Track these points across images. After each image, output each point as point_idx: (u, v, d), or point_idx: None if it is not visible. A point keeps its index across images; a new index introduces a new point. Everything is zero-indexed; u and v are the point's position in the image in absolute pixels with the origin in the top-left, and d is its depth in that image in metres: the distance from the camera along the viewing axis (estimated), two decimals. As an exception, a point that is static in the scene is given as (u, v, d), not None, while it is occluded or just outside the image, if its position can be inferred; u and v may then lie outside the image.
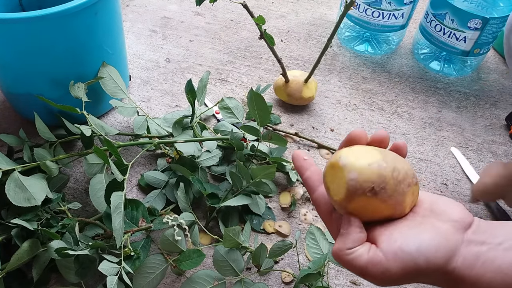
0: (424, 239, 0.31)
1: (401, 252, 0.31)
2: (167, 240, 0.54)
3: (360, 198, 0.32)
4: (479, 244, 0.31)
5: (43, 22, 0.56)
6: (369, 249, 0.32)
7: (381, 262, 0.31)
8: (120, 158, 0.56)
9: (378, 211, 0.33)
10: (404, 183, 0.32)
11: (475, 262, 0.30)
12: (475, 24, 0.78)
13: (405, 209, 0.33)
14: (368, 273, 0.31)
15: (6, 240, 0.54)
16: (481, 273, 0.30)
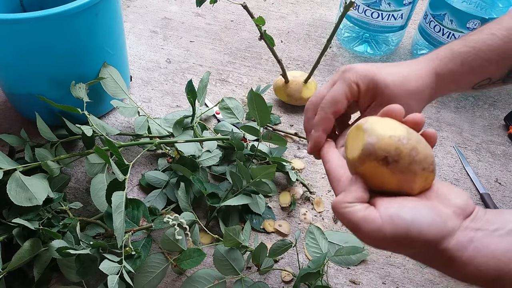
0: (421, 212, 0.31)
1: (396, 217, 0.31)
2: (168, 239, 0.55)
3: (372, 163, 0.32)
4: (474, 231, 0.31)
5: (44, 22, 0.56)
6: (366, 208, 0.33)
7: (375, 220, 0.31)
8: (121, 158, 0.56)
9: (386, 181, 0.33)
10: (419, 164, 0.33)
11: (468, 245, 0.31)
12: (474, 25, 0.79)
13: (413, 189, 0.33)
14: (360, 229, 0.32)
15: (8, 239, 0.54)
16: (472, 257, 0.30)
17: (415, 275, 0.62)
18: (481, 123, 0.83)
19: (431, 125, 0.81)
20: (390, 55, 0.95)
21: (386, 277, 0.61)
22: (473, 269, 0.31)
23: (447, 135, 0.80)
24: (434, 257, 0.32)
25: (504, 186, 0.73)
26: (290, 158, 0.74)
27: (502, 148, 0.79)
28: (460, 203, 0.33)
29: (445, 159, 0.76)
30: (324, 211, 0.68)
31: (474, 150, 0.78)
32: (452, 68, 0.44)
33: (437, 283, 0.61)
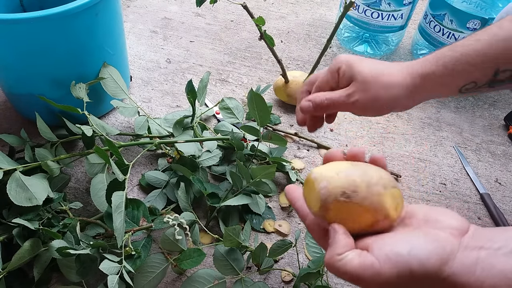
0: (416, 243, 0.30)
1: (393, 255, 0.30)
2: (168, 239, 0.55)
3: (335, 205, 0.32)
4: (477, 249, 0.30)
5: (44, 22, 0.56)
6: (360, 254, 0.31)
7: (373, 264, 0.30)
8: (121, 158, 0.56)
9: (359, 216, 0.33)
10: (378, 185, 0.33)
11: (474, 268, 0.29)
12: (474, 25, 0.79)
13: (389, 212, 0.33)
14: (361, 278, 0.30)
15: (8, 239, 0.54)
16: (482, 279, 0.29)
17: (415, 275, 0.62)
18: (481, 123, 0.83)
19: (431, 125, 0.81)
20: (390, 55, 0.95)
21: (386, 277, 0.61)
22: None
23: (447, 135, 0.80)
24: (439, 287, 0.30)
25: (504, 186, 0.73)
26: (290, 158, 0.74)
27: (502, 148, 0.79)
28: (454, 224, 0.32)
29: (445, 159, 0.76)
30: (324, 211, 0.68)
31: (474, 150, 0.78)
32: (434, 70, 0.46)
33: (437, 283, 0.61)
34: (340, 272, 0.32)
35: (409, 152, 0.77)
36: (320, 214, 0.34)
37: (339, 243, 0.32)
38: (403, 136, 0.79)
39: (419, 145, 0.78)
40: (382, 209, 0.33)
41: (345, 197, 0.32)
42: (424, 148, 0.78)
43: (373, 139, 0.78)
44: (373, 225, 0.33)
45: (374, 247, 0.31)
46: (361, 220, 0.33)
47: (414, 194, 0.71)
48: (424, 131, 0.80)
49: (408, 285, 0.30)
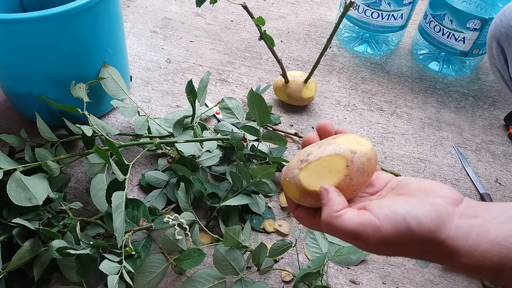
0: (414, 204, 0.31)
1: (392, 213, 0.30)
2: (168, 239, 0.55)
3: (302, 175, 0.35)
4: (472, 217, 0.31)
5: (44, 22, 0.56)
6: (358, 212, 0.32)
7: (372, 221, 0.30)
8: (121, 158, 0.56)
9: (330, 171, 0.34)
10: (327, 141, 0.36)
11: (470, 232, 0.30)
12: (474, 25, 0.79)
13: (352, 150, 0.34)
14: (360, 235, 0.31)
15: (8, 239, 0.54)
16: (477, 244, 0.30)
17: (415, 275, 0.62)
18: (481, 123, 0.83)
19: (431, 125, 0.82)
20: (390, 55, 0.95)
21: (386, 277, 0.61)
22: (479, 256, 0.30)
23: (447, 135, 0.80)
24: (437, 250, 0.31)
25: (504, 186, 0.73)
26: (290, 158, 0.74)
27: (502, 148, 0.79)
28: (447, 193, 0.33)
29: (445, 159, 0.76)
30: (324, 211, 0.68)
31: (474, 150, 0.78)
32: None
33: (437, 283, 0.61)
34: (339, 230, 0.32)
35: (409, 152, 0.77)
36: (301, 195, 0.35)
37: (334, 200, 0.33)
38: (403, 136, 0.79)
39: (419, 145, 0.78)
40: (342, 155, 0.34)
41: (304, 161, 0.35)
42: (424, 148, 0.78)
43: (373, 139, 0.78)
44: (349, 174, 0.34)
45: (372, 206, 0.32)
46: (334, 174, 0.34)
47: (414, 194, 0.71)
48: (424, 131, 0.80)
49: (407, 244, 0.31)
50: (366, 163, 0.34)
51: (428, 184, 0.34)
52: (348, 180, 0.34)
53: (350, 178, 0.34)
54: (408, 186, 0.34)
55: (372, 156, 0.35)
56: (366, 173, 0.35)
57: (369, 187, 0.38)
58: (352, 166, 0.34)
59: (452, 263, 0.32)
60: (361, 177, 0.35)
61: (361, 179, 0.35)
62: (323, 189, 0.34)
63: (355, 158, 0.34)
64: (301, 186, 0.35)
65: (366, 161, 0.34)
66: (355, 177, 0.34)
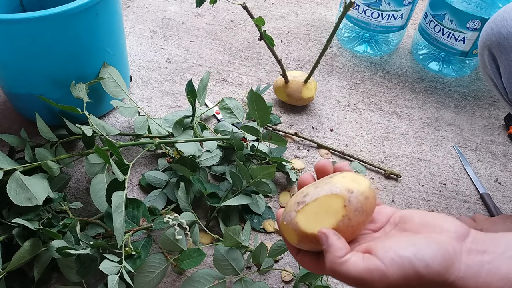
0: (420, 245, 0.30)
1: (398, 257, 0.29)
2: (168, 239, 0.55)
3: (300, 218, 0.34)
4: (481, 253, 0.30)
5: (44, 22, 0.56)
6: (363, 257, 0.31)
7: (379, 268, 0.29)
8: (121, 158, 0.56)
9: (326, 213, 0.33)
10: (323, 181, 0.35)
11: (480, 271, 0.29)
12: (474, 25, 0.79)
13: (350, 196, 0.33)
14: (367, 282, 0.30)
15: (8, 239, 0.54)
16: (488, 282, 0.29)
17: (415, 275, 0.62)
18: (481, 123, 0.83)
19: (431, 125, 0.82)
20: (390, 55, 0.95)
21: (386, 277, 0.61)
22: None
23: (447, 135, 0.80)
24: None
25: (504, 186, 0.73)
26: (290, 158, 0.74)
27: (502, 148, 0.79)
28: (452, 228, 0.31)
29: (445, 159, 0.76)
30: (324, 211, 0.68)
31: (474, 150, 0.78)
32: None
33: (437, 283, 0.61)
34: (344, 277, 0.31)
35: (409, 152, 0.77)
36: (299, 238, 0.34)
37: (335, 245, 0.32)
38: (403, 136, 0.79)
39: (419, 145, 0.78)
40: (339, 195, 0.33)
41: (301, 203, 0.34)
42: (424, 148, 0.78)
43: (373, 139, 0.78)
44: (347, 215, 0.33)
45: (377, 250, 0.31)
46: (332, 215, 0.33)
47: (414, 194, 0.71)
48: (424, 131, 0.80)
49: (414, 286, 0.30)
50: (364, 202, 0.33)
51: (431, 218, 0.33)
52: (347, 220, 0.33)
53: (349, 218, 0.33)
54: (411, 221, 0.33)
55: (370, 194, 0.34)
56: (365, 212, 0.33)
57: (371, 223, 0.36)
58: (350, 206, 0.33)
59: None
60: (360, 217, 0.33)
61: (360, 219, 0.33)
62: (322, 233, 0.32)
63: (352, 198, 0.33)
64: (299, 229, 0.34)
65: (364, 199, 0.33)
66: (354, 217, 0.33)
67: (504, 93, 0.60)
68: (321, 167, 0.38)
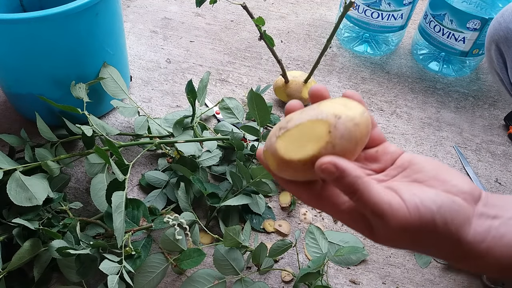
0: (445, 203, 0.29)
1: (423, 207, 0.29)
2: (168, 239, 0.55)
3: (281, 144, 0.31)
4: (491, 218, 0.30)
5: (44, 22, 0.56)
6: (386, 190, 0.30)
7: (401, 207, 0.29)
8: (121, 158, 0.56)
9: (311, 137, 0.30)
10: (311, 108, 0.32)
11: (486, 236, 0.30)
12: (474, 25, 0.79)
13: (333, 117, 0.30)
14: (385, 214, 0.29)
15: (8, 239, 0.54)
16: (491, 247, 0.30)
17: (415, 275, 0.62)
18: (481, 123, 0.83)
19: (431, 125, 0.81)
20: (390, 55, 0.95)
21: (386, 277, 0.61)
22: (491, 260, 0.30)
23: (447, 135, 0.80)
24: (449, 249, 0.30)
25: (504, 186, 0.73)
26: (290, 158, 0.74)
27: (502, 148, 0.79)
28: (467, 189, 0.31)
29: (445, 159, 0.76)
30: (324, 211, 0.68)
31: (474, 150, 0.78)
32: None
33: (437, 283, 0.61)
34: (365, 197, 0.29)
35: (409, 152, 0.77)
36: (278, 165, 0.32)
37: (350, 167, 0.29)
38: (403, 136, 0.79)
39: (419, 145, 0.78)
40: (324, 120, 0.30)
41: (283, 129, 0.31)
42: (424, 148, 0.78)
43: (373, 139, 0.78)
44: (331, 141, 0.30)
45: (403, 192, 0.30)
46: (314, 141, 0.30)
47: (414, 194, 0.71)
48: (424, 131, 0.80)
49: (426, 239, 0.30)
50: (352, 128, 0.30)
51: (445, 173, 0.32)
52: (331, 147, 0.30)
53: (333, 145, 0.30)
54: (423, 172, 0.32)
55: (360, 121, 0.30)
56: (353, 140, 0.30)
57: (374, 162, 0.34)
58: (336, 132, 0.30)
59: (461, 262, 0.31)
60: (346, 145, 0.30)
61: (347, 147, 0.30)
62: (327, 163, 0.29)
63: (339, 123, 0.30)
64: (277, 155, 0.31)
65: (352, 126, 0.30)
66: (339, 145, 0.30)
67: (511, 88, 0.60)
68: (315, 92, 0.34)
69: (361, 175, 0.29)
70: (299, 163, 0.31)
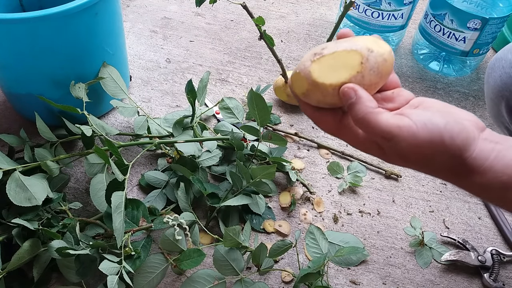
0: (450, 120, 0.32)
1: (431, 124, 0.31)
2: (168, 239, 0.55)
3: (315, 68, 0.34)
4: (494, 143, 0.33)
5: (44, 22, 0.56)
6: (395, 115, 0.33)
7: (410, 127, 0.31)
8: (121, 158, 0.56)
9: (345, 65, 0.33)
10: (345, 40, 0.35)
11: (489, 155, 0.32)
12: (475, 25, 0.78)
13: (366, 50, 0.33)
14: (394, 135, 0.32)
15: (7, 239, 0.54)
16: (492, 165, 0.32)
17: (416, 275, 0.62)
18: (482, 123, 0.82)
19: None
20: (391, 55, 0.94)
21: (387, 277, 0.61)
22: (492, 176, 0.32)
23: (447, 135, 0.80)
24: (456, 167, 0.33)
25: (504, 186, 0.73)
26: (290, 158, 0.74)
27: (503, 148, 0.79)
28: (472, 118, 0.34)
29: (445, 159, 0.76)
30: (324, 211, 0.67)
31: (475, 150, 0.78)
32: None
33: (438, 283, 0.61)
34: (373, 127, 0.32)
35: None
36: (308, 88, 0.34)
37: (366, 97, 0.33)
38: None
39: (419, 145, 0.78)
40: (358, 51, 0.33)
41: (318, 54, 0.34)
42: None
43: (373, 139, 0.78)
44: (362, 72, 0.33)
45: (410, 114, 0.33)
46: (347, 69, 0.33)
47: (414, 194, 0.71)
48: (425, 131, 0.80)
49: (435, 155, 0.32)
50: (381, 63, 0.33)
51: (452, 108, 0.34)
52: (360, 77, 0.33)
53: (363, 76, 0.33)
54: (433, 107, 0.34)
55: (388, 58, 0.34)
56: (380, 74, 0.33)
57: (389, 102, 0.37)
58: (367, 64, 0.33)
59: (465, 181, 0.34)
60: (373, 77, 0.33)
61: (373, 80, 0.34)
62: (349, 88, 0.33)
63: (371, 56, 0.33)
64: (311, 78, 0.34)
65: (382, 61, 0.33)
66: (368, 76, 0.33)
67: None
68: (343, 35, 0.37)
69: (371, 106, 0.32)
70: (330, 87, 0.33)
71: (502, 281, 0.61)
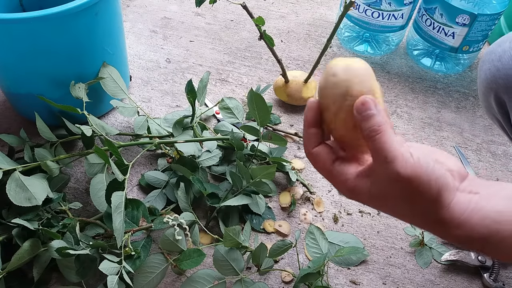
0: (436, 163, 0.32)
1: (424, 161, 0.31)
2: (168, 239, 0.55)
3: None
4: (473, 193, 0.33)
5: (44, 22, 0.56)
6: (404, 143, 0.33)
7: (410, 158, 0.31)
8: (121, 158, 0.56)
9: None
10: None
11: (467, 207, 0.32)
12: (463, 20, 0.78)
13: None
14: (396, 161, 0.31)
15: (7, 239, 0.54)
16: (469, 218, 0.32)
17: (416, 275, 0.62)
18: (482, 123, 0.83)
19: (432, 125, 0.81)
20: (391, 55, 0.94)
21: (387, 277, 0.61)
22: (469, 228, 0.32)
23: (447, 135, 0.80)
24: (434, 215, 0.32)
25: (504, 186, 0.73)
26: (290, 158, 0.74)
27: (503, 148, 0.79)
28: (454, 167, 0.34)
29: (445, 159, 0.76)
30: (324, 211, 0.67)
31: (475, 150, 0.78)
32: None
33: (438, 283, 0.61)
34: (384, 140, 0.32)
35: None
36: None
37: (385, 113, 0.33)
38: (403, 136, 0.79)
39: (419, 145, 0.78)
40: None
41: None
42: (425, 148, 0.78)
43: (373, 139, 0.78)
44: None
45: (409, 146, 0.33)
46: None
47: (414, 194, 0.71)
48: (425, 131, 0.80)
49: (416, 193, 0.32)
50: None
51: (439, 155, 0.35)
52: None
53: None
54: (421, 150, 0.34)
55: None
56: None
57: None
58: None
59: (443, 232, 0.34)
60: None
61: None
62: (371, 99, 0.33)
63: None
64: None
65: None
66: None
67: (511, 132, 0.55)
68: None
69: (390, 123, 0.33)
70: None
71: (502, 281, 0.61)
